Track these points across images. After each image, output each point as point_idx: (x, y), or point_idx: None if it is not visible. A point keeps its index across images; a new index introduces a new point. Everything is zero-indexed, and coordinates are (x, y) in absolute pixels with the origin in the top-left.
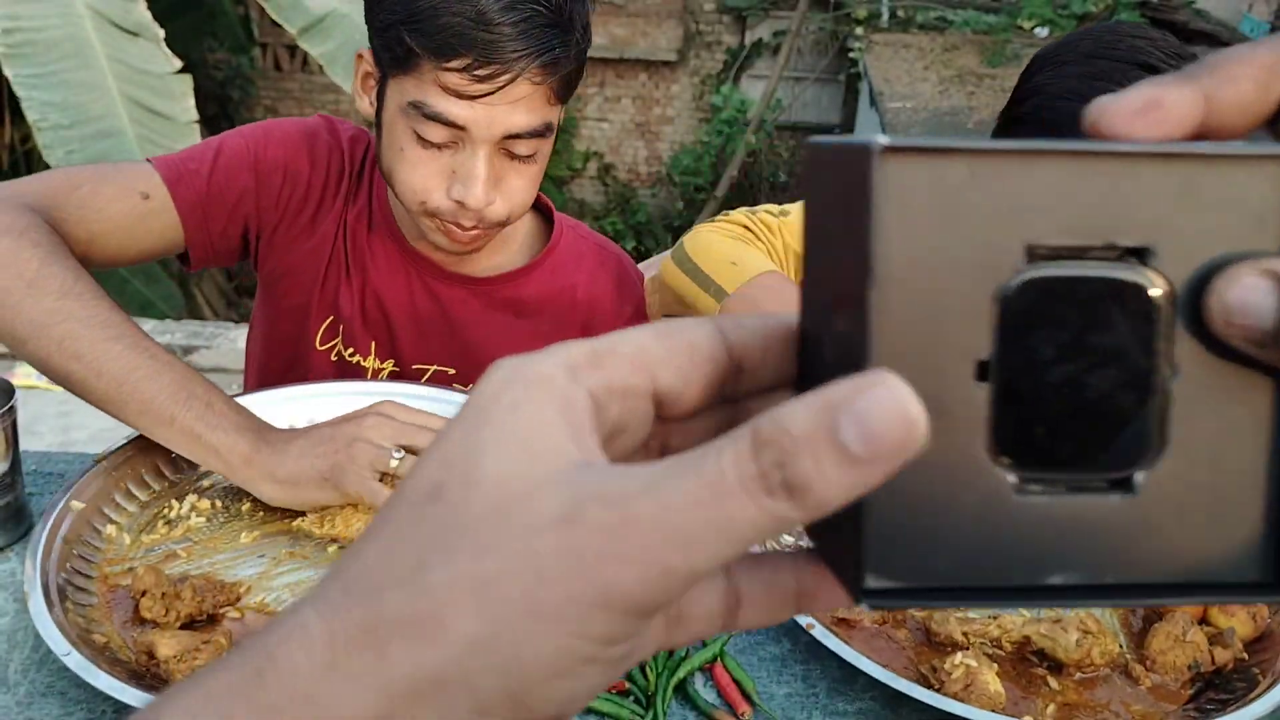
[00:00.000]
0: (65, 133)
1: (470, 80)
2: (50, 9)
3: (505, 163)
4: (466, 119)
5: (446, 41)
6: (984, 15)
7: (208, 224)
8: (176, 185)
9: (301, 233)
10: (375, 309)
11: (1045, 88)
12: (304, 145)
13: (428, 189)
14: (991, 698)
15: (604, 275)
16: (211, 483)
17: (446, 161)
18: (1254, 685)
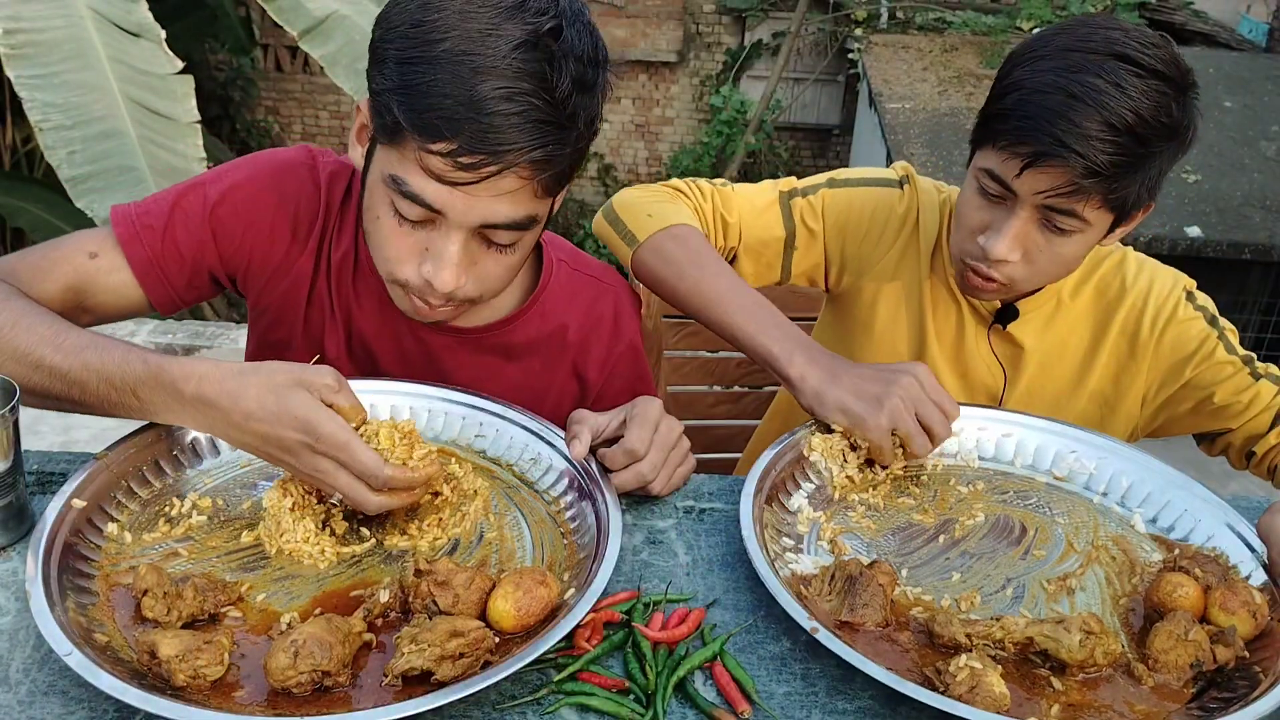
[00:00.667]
0: (67, 133)
1: (452, 166)
2: (52, 10)
3: (482, 248)
4: (443, 204)
5: (433, 123)
6: (983, 16)
7: (168, 279)
8: (131, 244)
9: (275, 273)
10: (361, 351)
11: (1023, 82)
12: (272, 187)
13: (399, 260)
14: (996, 699)
15: (598, 313)
16: (213, 481)
17: (421, 237)
18: (1256, 684)
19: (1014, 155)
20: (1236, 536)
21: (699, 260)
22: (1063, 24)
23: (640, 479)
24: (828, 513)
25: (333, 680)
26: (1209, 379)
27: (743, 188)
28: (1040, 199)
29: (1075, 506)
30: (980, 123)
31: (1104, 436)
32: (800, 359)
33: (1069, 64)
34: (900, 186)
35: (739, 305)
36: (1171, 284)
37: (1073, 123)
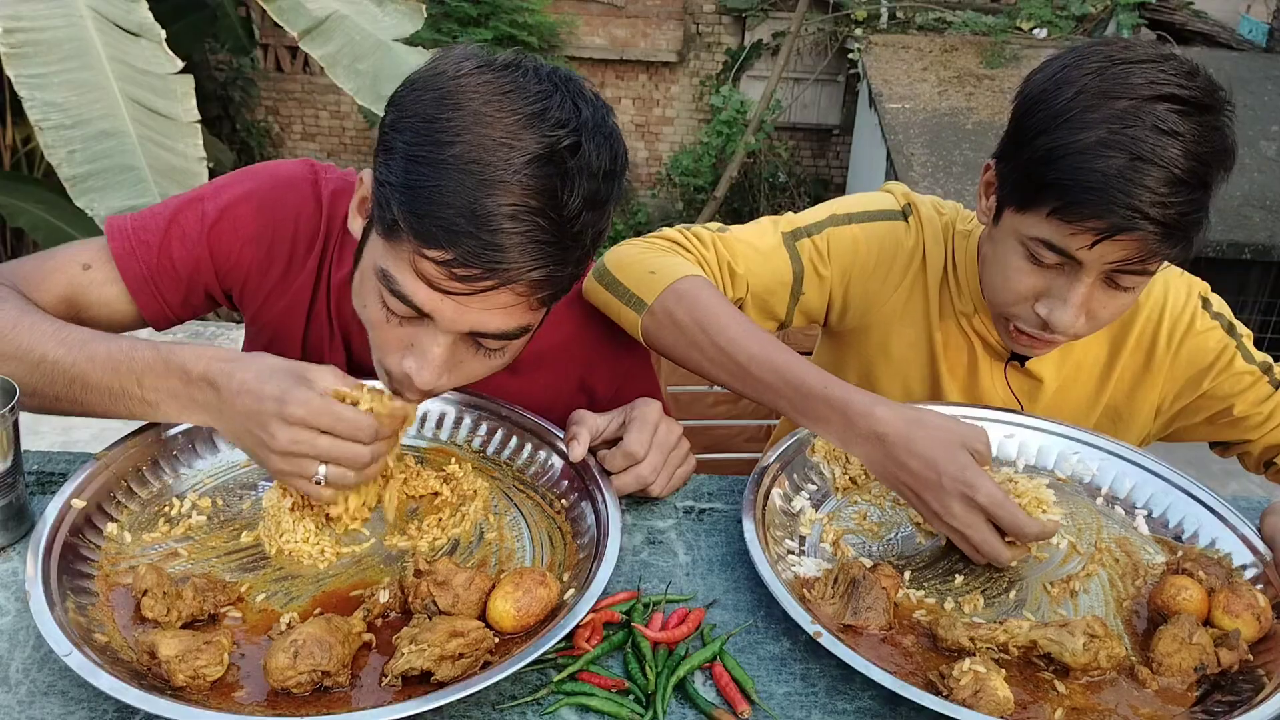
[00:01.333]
0: (67, 133)
1: (446, 275)
2: (52, 9)
3: (469, 350)
4: (433, 309)
5: (431, 230)
6: (983, 16)
7: (162, 296)
8: (125, 259)
9: (272, 292)
10: (367, 367)
11: (1072, 145)
12: (271, 204)
13: (386, 349)
14: (1000, 703)
15: (605, 328)
16: (213, 481)
17: (408, 332)
18: (1260, 687)
19: (1083, 229)
20: (1239, 538)
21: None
22: (1083, 54)
23: (640, 481)
24: (830, 514)
25: (332, 680)
26: (1228, 389)
27: (741, 231)
28: (1111, 266)
29: (1078, 508)
30: (1020, 183)
31: (1106, 438)
32: (855, 449)
33: (1117, 115)
34: (905, 218)
35: (769, 385)
36: (1186, 292)
37: (1147, 188)
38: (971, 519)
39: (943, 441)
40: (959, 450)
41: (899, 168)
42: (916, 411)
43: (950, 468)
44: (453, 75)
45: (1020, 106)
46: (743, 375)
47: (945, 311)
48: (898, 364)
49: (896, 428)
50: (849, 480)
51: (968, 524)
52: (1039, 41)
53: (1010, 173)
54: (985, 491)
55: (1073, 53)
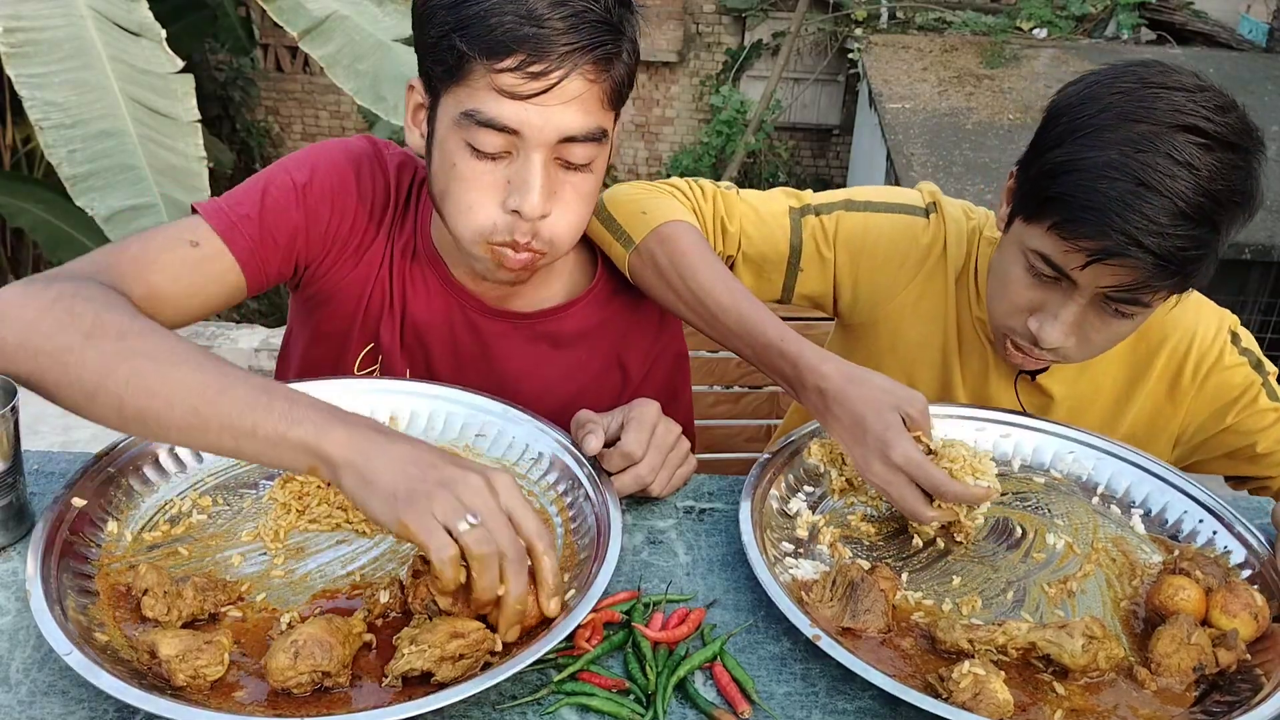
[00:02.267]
0: (67, 132)
1: (524, 78)
2: (52, 9)
3: (560, 173)
4: (520, 121)
5: (498, 40)
6: (983, 16)
7: (265, 267)
8: (230, 233)
9: (346, 262)
10: (413, 338)
11: (1082, 161)
12: (351, 175)
13: (482, 203)
14: (999, 705)
15: (644, 309)
16: (214, 479)
17: (501, 173)
18: (1258, 687)
19: (1077, 248)
20: (1235, 537)
21: (688, 268)
22: (1119, 73)
23: (639, 482)
24: (827, 516)
25: (333, 681)
26: (1251, 426)
27: (749, 194)
28: (1104, 290)
29: (1074, 508)
30: (1029, 192)
31: (1101, 437)
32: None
33: (1133, 139)
34: (926, 215)
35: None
36: (1216, 326)
37: (1146, 216)
38: (891, 476)
39: (874, 400)
40: (888, 411)
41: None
42: (861, 371)
43: (875, 425)
44: None
45: (1046, 116)
46: (712, 322)
47: (963, 315)
48: (906, 362)
49: (836, 383)
50: (846, 482)
51: (887, 481)
52: (1039, 41)
53: (1024, 181)
54: (900, 451)
55: (1111, 70)
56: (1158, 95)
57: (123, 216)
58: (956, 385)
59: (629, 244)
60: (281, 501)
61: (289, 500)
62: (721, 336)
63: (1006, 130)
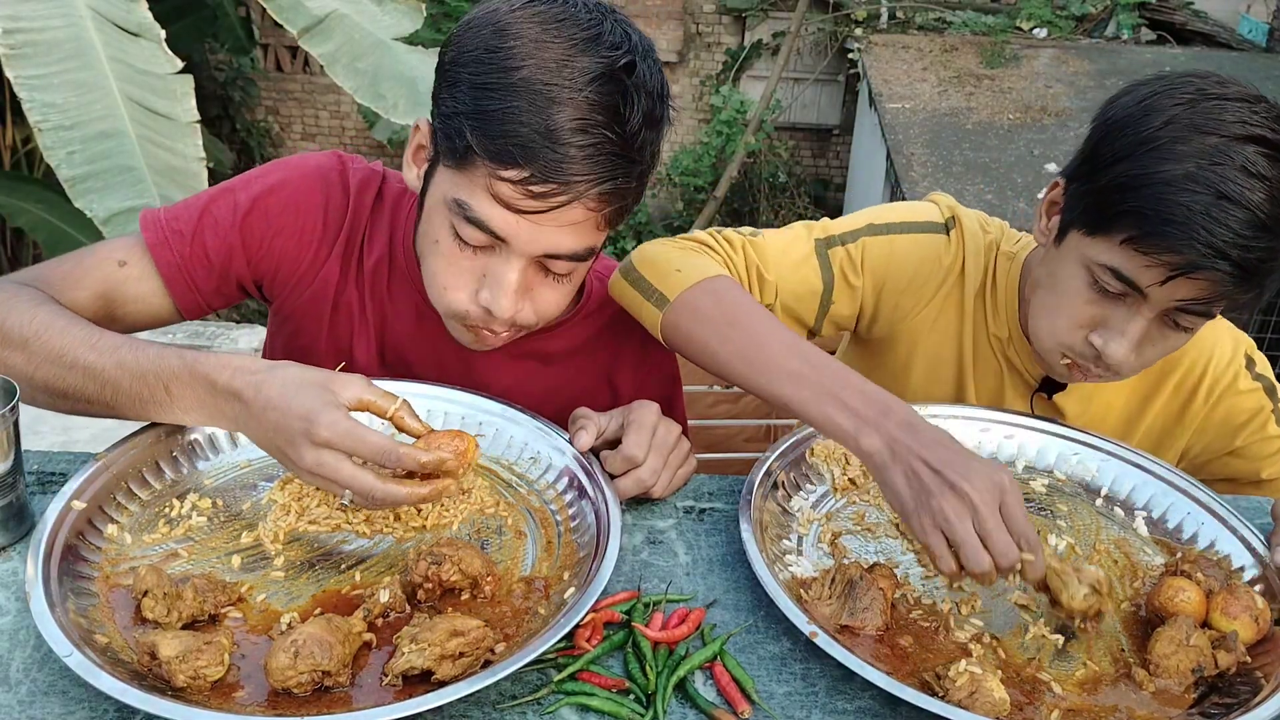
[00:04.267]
0: (66, 134)
1: (523, 194)
2: (52, 9)
3: (538, 276)
4: (509, 232)
5: (508, 149)
6: (983, 16)
7: (195, 286)
8: (159, 250)
9: (301, 279)
10: (396, 359)
11: (1156, 174)
12: (299, 191)
13: (455, 288)
14: (996, 704)
15: (631, 325)
16: (213, 481)
17: (480, 263)
18: (1257, 689)
19: (1158, 263)
20: (1238, 540)
21: (739, 319)
22: (1173, 84)
23: (640, 485)
24: (827, 514)
25: (333, 680)
26: (1257, 452)
27: (773, 236)
28: (1178, 304)
29: (1077, 509)
30: (1094, 206)
31: (1105, 439)
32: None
33: (1207, 151)
34: (947, 231)
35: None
36: (1232, 350)
37: (1230, 229)
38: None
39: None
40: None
41: (899, 168)
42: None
43: None
44: (507, 10)
45: (1101, 129)
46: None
47: (979, 331)
48: (920, 377)
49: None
50: (848, 481)
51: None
52: (1039, 41)
53: (1083, 195)
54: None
55: (1161, 80)
56: (1222, 107)
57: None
58: (970, 400)
59: (663, 303)
60: (281, 503)
61: (288, 501)
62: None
63: (1006, 130)
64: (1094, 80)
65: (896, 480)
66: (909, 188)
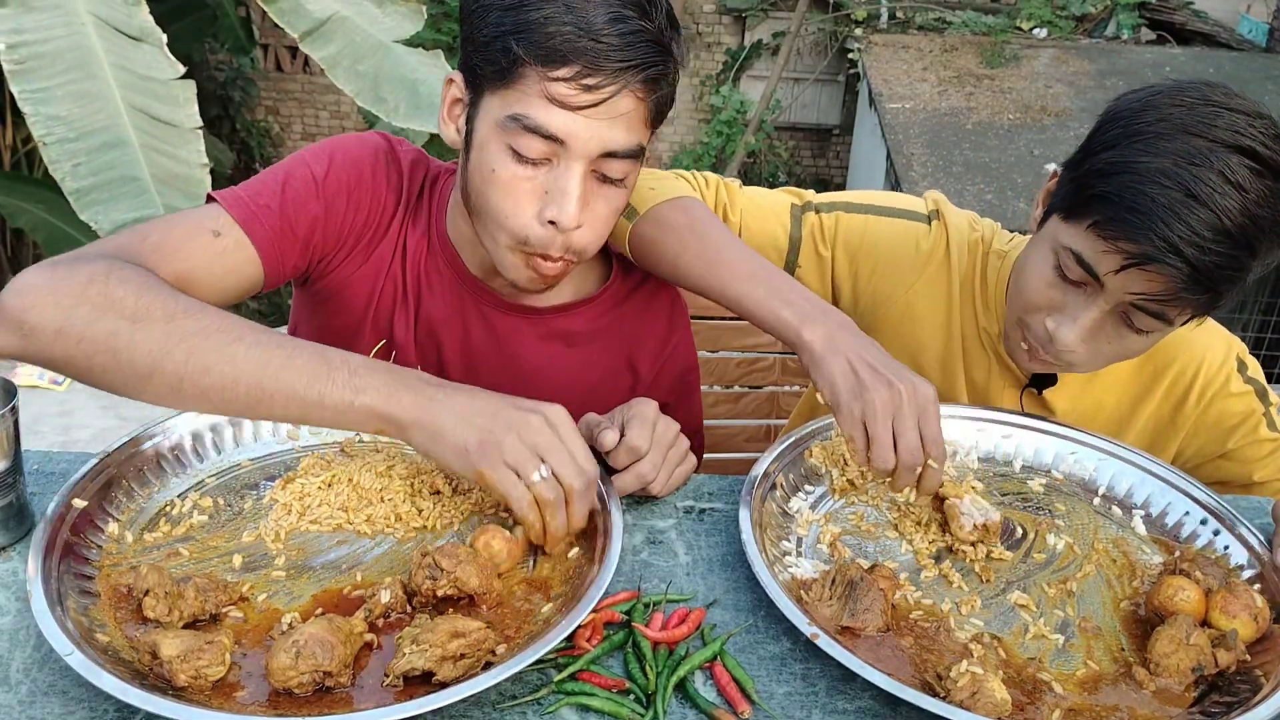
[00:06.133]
0: (71, 146)
1: (577, 90)
2: (54, 19)
3: (595, 186)
4: (567, 131)
5: (556, 49)
6: (983, 16)
7: (284, 259)
8: (251, 223)
9: (357, 256)
10: (427, 335)
11: (1135, 164)
12: (368, 170)
13: (519, 211)
14: (997, 704)
15: (654, 311)
16: (214, 481)
17: (539, 181)
18: (1257, 688)
19: (1115, 250)
20: (1236, 538)
21: (703, 228)
22: (1182, 87)
23: (641, 479)
24: (826, 515)
25: (334, 680)
26: (1249, 455)
27: (751, 189)
28: (1132, 298)
29: (1075, 508)
30: (1073, 190)
31: (1102, 438)
32: (810, 328)
33: (1188, 151)
34: (928, 222)
35: (748, 272)
36: (1224, 353)
37: (1190, 227)
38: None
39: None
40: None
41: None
42: (844, 340)
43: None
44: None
45: (1101, 120)
46: (725, 267)
47: (968, 326)
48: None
49: (818, 351)
50: (846, 482)
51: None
52: (1039, 41)
53: (1069, 181)
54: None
55: (1175, 84)
56: (1219, 114)
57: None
58: (959, 395)
59: (632, 215)
60: (282, 502)
61: (290, 501)
62: (725, 286)
63: (1006, 130)
64: (1094, 80)
65: (834, 370)
66: (909, 188)
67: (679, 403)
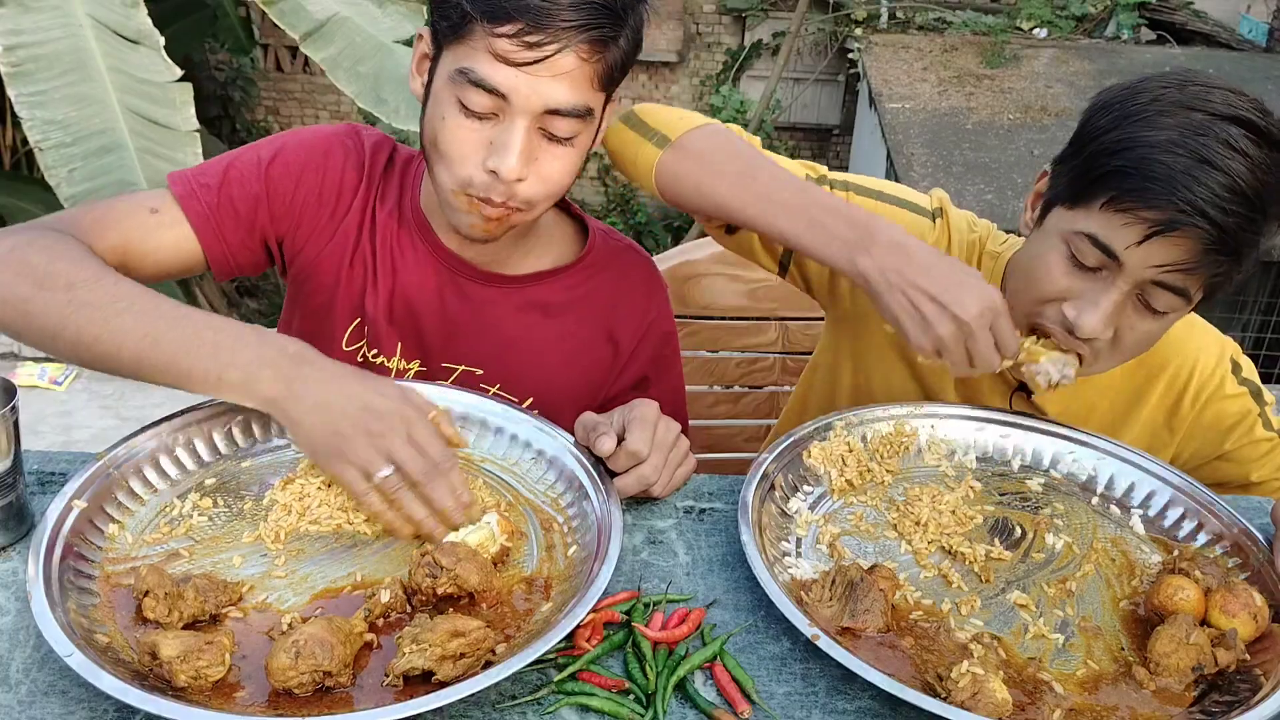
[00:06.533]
0: (67, 150)
1: (519, 46)
2: (52, 21)
3: (542, 142)
4: (510, 87)
5: (501, 6)
6: (983, 16)
7: (223, 234)
8: (188, 200)
9: (320, 233)
10: (403, 308)
11: (1141, 138)
12: (320, 150)
13: (464, 156)
14: (998, 705)
15: (631, 280)
16: (214, 481)
17: (486, 133)
18: (1257, 687)
19: (1137, 220)
20: (1235, 538)
21: (736, 153)
22: (1163, 78)
23: (642, 481)
24: (825, 516)
25: (334, 680)
26: (1246, 455)
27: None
28: (1153, 273)
29: (1074, 508)
30: (1076, 177)
31: (1101, 437)
32: (862, 258)
33: (1190, 124)
34: (933, 219)
35: (788, 201)
36: (1218, 355)
37: (1208, 188)
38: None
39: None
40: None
41: (899, 168)
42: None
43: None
44: None
45: (1089, 112)
46: (763, 196)
47: None
48: (894, 361)
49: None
50: (845, 482)
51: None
52: (1039, 41)
53: (1068, 171)
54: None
55: (1154, 74)
56: (1209, 91)
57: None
58: (948, 397)
59: (663, 143)
60: (282, 503)
61: (289, 501)
62: (766, 212)
63: (1006, 130)
64: (1094, 80)
65: (895, 307)
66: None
67: (659, 377)
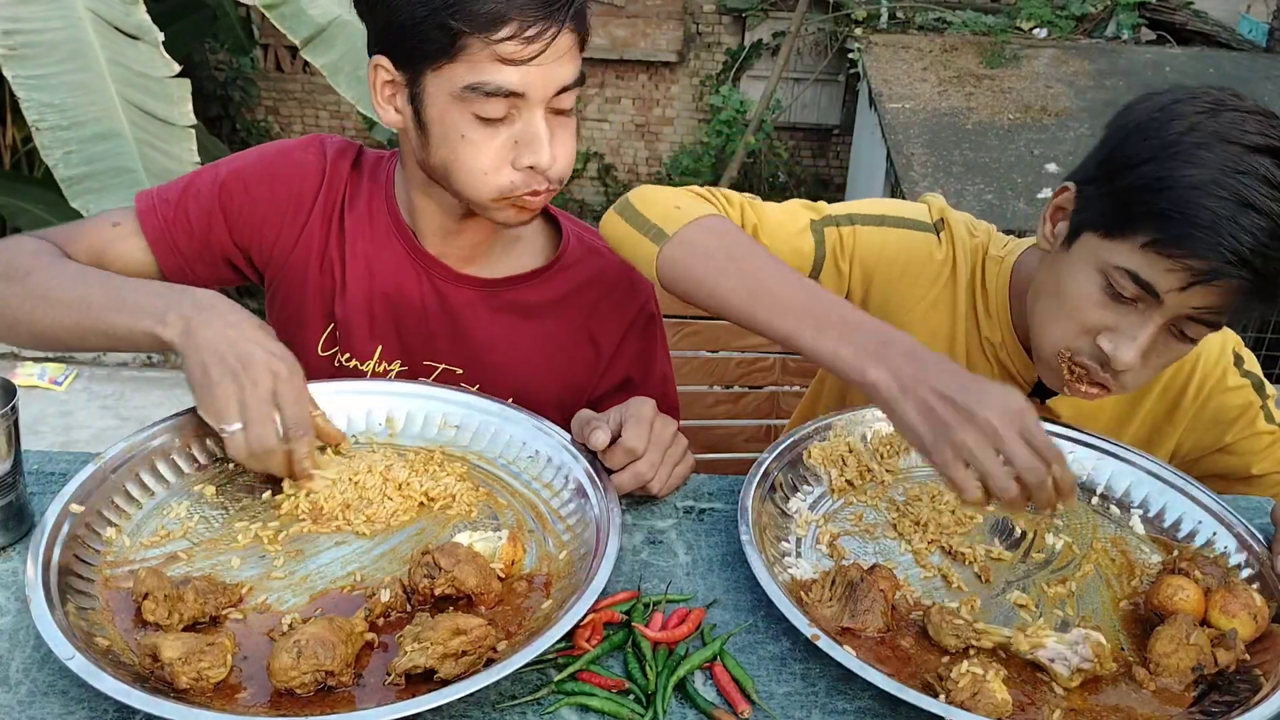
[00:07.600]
0: (64, 134)
1: (522, 44)
2: (51, 11)
3: (553, 120)
4: (525, 84)
5: (491, 14)
6: (983, 16)
7: (176, 246)
8: (147, 215)
9: (282, 241)
10: (384, 311)
11: (1182, 178)
12: (274, 160)
13: (496, 166)
14: (998, 705)
15: (611, 279)
16: (213, 483)
17: (505, 135)
18: (1257, 687)
19: (1181, 268)
20: (1235, 537)
21: (738, 253)
22: (1192, 92)
23: (639, 479)
24: (825, 516)
25: (336, 680)
26: (1247, 448)
27: (770, 206)
28: (1194, 312)
29: (1073, 508)
30: (1112, 207)
31: (1100, 437)
32: (874, 368)
33: (1229, 159)
34: (937, 233)
35: (792, 302)
36: (1220, 347)
37: (1254, 236)
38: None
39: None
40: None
41: (899, 168)
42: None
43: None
44: None
45: (1120, 133)
46: (768, 298)
47: (971, 336)
48: None
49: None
50: (845, 482)
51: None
52: (1039, 41)
53: (1101, 198)
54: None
55: (1179, 89)
56: (1243, 118)
57: None
58: None
59: (660, 238)
60: (281, 504)
61: (289, 503)
62: (770, 313)
63: (1006, 130)
64: (1094, 80)
65: (909, 414)
66: (909, 188)
67: (644, 377)
